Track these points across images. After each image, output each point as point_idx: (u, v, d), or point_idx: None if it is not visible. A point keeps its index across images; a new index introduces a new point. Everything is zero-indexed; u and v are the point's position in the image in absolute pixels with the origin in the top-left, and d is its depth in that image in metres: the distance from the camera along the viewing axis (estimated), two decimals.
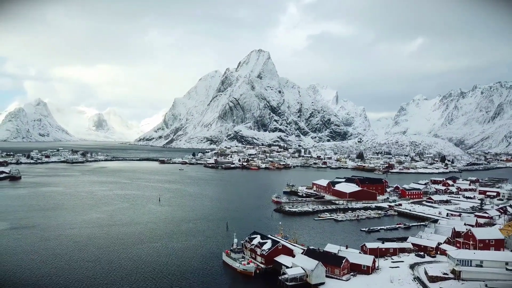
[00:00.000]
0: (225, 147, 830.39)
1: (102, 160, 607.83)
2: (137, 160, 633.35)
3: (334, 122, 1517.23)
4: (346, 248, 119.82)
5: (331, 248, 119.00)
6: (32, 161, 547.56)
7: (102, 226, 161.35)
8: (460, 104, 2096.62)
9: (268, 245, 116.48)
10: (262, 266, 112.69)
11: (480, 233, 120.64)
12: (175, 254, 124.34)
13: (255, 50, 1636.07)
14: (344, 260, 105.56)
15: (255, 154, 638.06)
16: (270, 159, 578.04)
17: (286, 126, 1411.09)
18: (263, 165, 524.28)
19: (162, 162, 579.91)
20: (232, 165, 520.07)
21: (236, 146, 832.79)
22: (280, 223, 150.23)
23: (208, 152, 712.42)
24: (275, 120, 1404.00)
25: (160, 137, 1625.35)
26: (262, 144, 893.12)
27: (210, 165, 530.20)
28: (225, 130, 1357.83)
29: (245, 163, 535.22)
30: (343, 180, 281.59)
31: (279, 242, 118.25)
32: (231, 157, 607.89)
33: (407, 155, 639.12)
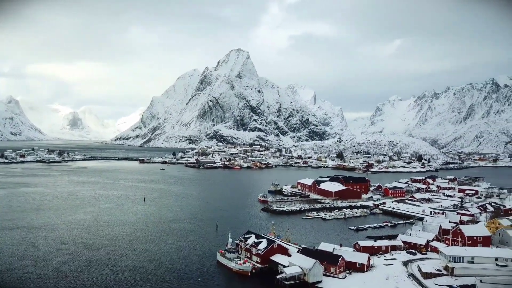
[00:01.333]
0: (206, 146, 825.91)
1: (80, 160, 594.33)
2: (116, 159, 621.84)
3: (312, 122, 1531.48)
4: (340, 247, 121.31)
5: (325, 246, 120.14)
6: (6, 160, 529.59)
7: (89, 227, 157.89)
8: (433, 105, 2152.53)
9: (263, 244, 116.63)
10: (258, 265, 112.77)
11: (468, 230, 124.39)
12: (168, 255, 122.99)
13: (234, 50, 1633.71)
14: (340, 258, 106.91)
15: (237, 153, 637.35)
16: (252, 158, 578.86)
17: (266, 126, 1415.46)
18: (245, 165, 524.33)
19: (142, 161, 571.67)
20: (214, 165, 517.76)
21: (217, 146, 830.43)
22: (273, 222, 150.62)
23: (189, 151, 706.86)
24: (255, 120, 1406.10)
25: (137, 136, 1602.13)
26: (244, 144, 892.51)
27: (191, 164, 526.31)
28: (204, 129, 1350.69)
29: (227, 163, 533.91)
30: (327, 179, 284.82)
31: (274, 241, 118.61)
32: (212, 156, 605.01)
33: (385, 155, 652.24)
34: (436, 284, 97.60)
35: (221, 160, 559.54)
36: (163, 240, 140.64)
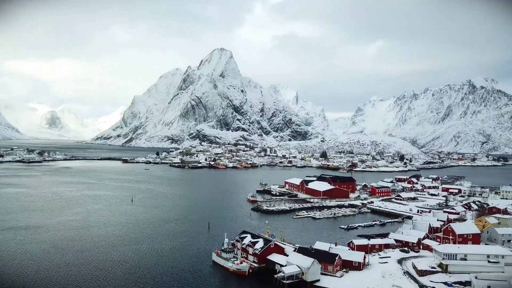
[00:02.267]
0: (190, 146, 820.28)
1: (61, 160, 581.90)
2: (98, 159, 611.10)
3: (295, 122, 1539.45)
4: (336, 245, 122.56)
5: (320, 245, 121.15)
6: None
7: (79, 228, 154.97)
8: (413, 105, 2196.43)
9: (260, 244, 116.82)
10: (255, 265, 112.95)
11: (459, 228, 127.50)
12: (163, 256, 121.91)
13: (217, 49, 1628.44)
14: (337, 257, 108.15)
15: (222, 153, 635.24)
16: (237, 158, 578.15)
17: (249, 126, 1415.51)
18: (231, 164, 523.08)
19: (125, 161, 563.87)
20: (199, 165, 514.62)
21: (202, 145, 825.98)
22: (267, 221, 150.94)
23: (173, 151, 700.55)
24: (238, 120, 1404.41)
25: (118, 135, 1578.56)
26: (229, 144, 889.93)
27: (176, 164, 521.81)
28: (187, 129, 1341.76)
29: (212, 163, 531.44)
30: (315, 178, 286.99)
31: (271, 241, 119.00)
32: (197, 156, 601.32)
33: (368, 154, 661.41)
34: (432, 281, 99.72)
35: (206, 160, 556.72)
36: (156, 241, 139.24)
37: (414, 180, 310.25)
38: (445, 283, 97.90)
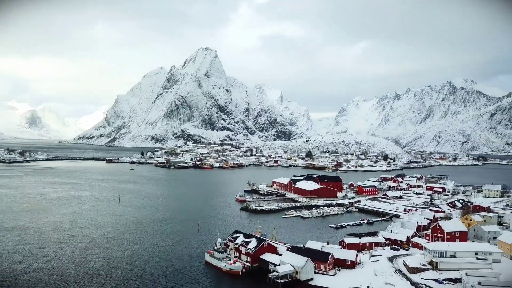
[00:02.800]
0: (175, 146, 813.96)
1: (43, 160, 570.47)
2: (81, 159, 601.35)
3: (280, 122, 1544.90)
4: (327, 244, 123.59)
5: (312, 244, 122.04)
6: None
7: (67, 229, 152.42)
8: (395, 105, 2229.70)
9: (253, 243, 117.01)
10: (248, 265, 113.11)
11: (447, 226, 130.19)
12: (155, 256, 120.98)
13: (202, 48, 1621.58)
14: (330, 256, 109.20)
15: (208, 153, 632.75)
16: (224, 158, 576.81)
17: (234, 125, 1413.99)
18: (217, 164, 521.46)
19: (109, 161, 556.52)
20: (185, 165, 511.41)
21: (187, 145, 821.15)
22: (258, 221, 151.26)
23: (158, 151, 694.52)
24: (223, 119, 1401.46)
25: (101, 135, 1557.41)
26: (214, 143, 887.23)
27: (161, 164, 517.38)
28: (171, 128, 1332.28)
29: (198, 162, 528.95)
30: (302, 178, 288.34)
31: (264, 240, 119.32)
32: (182, 156, 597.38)
33: (353, 154, 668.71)
34: (423, 279, 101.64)
35: (191, 159, 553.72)
36: (146, 241, 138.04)
37: (399, 179, 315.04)
38: (436, 280, 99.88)
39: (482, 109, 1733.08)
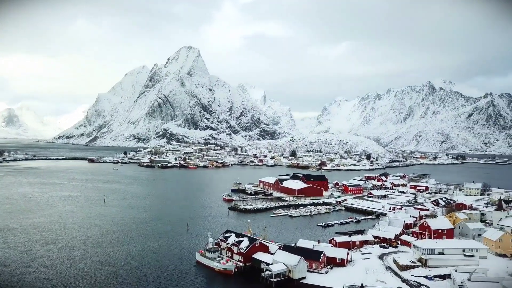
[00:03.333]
0: (159, 145, 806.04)
1: (23, 160, 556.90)
2: (62, 159, 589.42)
3: (263, 121, 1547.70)
4: (319, 243, 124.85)
5: (303, 243, 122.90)
6: None
7: (53, 230, 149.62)
8: (376, 105, 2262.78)
9: (245, 243, 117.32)
10: (241, 264, 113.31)
11: (434, 224, 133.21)
12: (145, 257, 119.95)
13: (184, 47, 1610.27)
14: (322, 254, 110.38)
15: (192, 152, 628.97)
16: (208, 157, 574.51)
17: (217, 125, 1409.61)
18: (201, 164, 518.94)
19: (92, 161, 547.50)
20: (169, 164, 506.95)
21: (171, 144, 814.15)
22: (249, 220, 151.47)
23: (141, 150, 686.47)
24: (206, 118, 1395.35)
25: (82, 134, 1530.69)
26: (198, 142, 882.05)
27: (145, 164, 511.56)
28: (154, 127, 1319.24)
29: (182, 162, 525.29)
30: (288, 177, 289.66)
31: (256, 239, 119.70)
32: (166, 155, 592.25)
33: (336, 153, 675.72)
34: (413, 275, 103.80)
35: (175, 159, 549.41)
36: (136, 242, 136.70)
37: (384, 178, 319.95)
38: (426, 277, 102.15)
39: (460, 109, 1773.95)
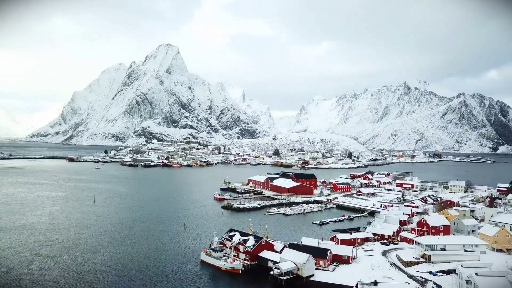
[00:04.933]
0: (140, 144, 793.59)
1: None
2: (40, 158, 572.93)
3: (243, 120, 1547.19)
4: (322, 241, 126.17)
5: (307, 241, 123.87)
6: None
7: (48, 231, 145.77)
8: (353, 105, 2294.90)
9: (251, 241, 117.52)
10: (247, 263, 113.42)
11: (432, 221, 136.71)
12: (148, 257, 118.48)
13: (163, 44, 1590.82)
14: (329, 252, 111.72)
15: (174, 151, 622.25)
16: (192, 156, 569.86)
17: (197, 123, 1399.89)
18: (185, 163, 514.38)
19: (72, 160, 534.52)
20: (152, 163, 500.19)
21: (152, 143, 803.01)
22: (250, 219, 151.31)
23: (122, 149, 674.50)
24: (186, 117, 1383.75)
25: (57, 133, 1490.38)
26: (181, 142, 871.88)
27: (128, 163, 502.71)
28: (132, 126, 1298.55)
29: (165, 161, 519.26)
30: (277, 176, 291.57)
31: (262, 238, 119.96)
32: (148, 154, 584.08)
33: (318, 152, 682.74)
34: (418, 271, 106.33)
35: (158, 158, 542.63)
36: (136, 241, 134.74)
37: (370, 176, 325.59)
38: (430, 272, 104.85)
39: (434, 109, 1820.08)
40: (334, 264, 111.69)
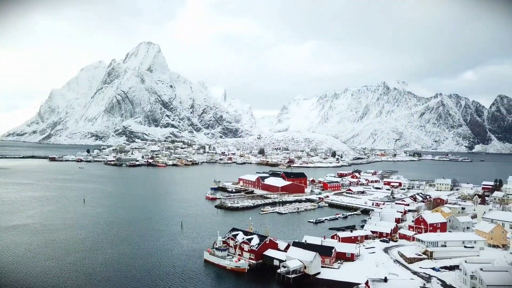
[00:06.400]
0: (124, 143, 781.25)
1: None
2: (20, 157, 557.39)
3: (226, 119, 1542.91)
4: (324, 239, 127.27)
5: (311, 239, 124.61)
6: None
7: (43, 232, 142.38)
8: (334, 104, 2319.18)
9: (255, 240, 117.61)
10: (253, 261, 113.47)
11: (430, 218, 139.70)
12: (151, 257, 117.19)
13: (144, 42, 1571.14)
14: (333, 249, 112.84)
15: (159, 150, 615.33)
16: (177, 155, 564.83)
17: (179, 122, 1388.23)
18: (170, 162, 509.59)
19: (53, 159, 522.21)
20: (137, 162, 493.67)
21: (136, 142, 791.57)
22: (250, 218, 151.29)
23: (105, 148, 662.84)
24: (167, 116, 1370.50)
25: (34, 132, 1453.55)
26: (164, 141, 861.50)
27: (112, 162, 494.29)
28: (113, 125, 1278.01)
29: (150, 160, 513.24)
30: (267, 175, 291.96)
31: (266, 237, 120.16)
32: (132, 153, 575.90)
33: (302, 151, 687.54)
34: (421, 268, 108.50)
35: (142, 157, 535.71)
36: (136, 242, 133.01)
37: (357, 175, 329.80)
38: (433, 269, 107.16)
39: (413, 109, 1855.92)
40: (338, 261, 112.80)
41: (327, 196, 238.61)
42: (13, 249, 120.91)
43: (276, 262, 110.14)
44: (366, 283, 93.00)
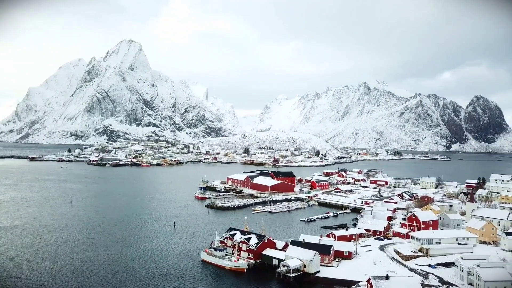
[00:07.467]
0: (107, 142, 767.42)
1: None
2: None
3: (208, 118, 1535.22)
4: (321, 238, 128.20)
5: (308, 238, 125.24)
6: None
7: (34, 233, 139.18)
8: (315, 104, 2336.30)
9: (254, 240, 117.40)
10: (251, 261, 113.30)
11: (422, 216, 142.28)
12: (148, 257, 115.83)
13: (125, 40, 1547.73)
14: (332, 248, 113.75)
15: (142, 150, 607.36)
16: (161, 155, 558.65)
17: (161, 121, 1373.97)
18: (154, 162, 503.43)
19: (33, 159, 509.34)
20: (121, 162, 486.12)
21: (119, 142, 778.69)
22: (246, 217, 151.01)
23: (87, 148, 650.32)
24: (149, 115, 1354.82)
25: (10, 131, 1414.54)
26: (148, 139, 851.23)
27: (94, 162, 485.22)
28: (93, 124, 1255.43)
29: (134, 160, 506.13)
30: (256, 174, 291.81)
31: (265, 236, 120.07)
32: (115, 153, 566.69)
33: (287, 150, 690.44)
34: (418, 265, 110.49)
35: (126, 157, 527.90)
36: (130, 242, 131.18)
37: (344, 173, 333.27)
38: (429, 266, 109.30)
39: (392, 109, 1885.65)
40: (336, 260, 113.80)
41: (316, 195, 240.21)
42: (4, 251, 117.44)
43: (275, 262, 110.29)
44: (368, 280, 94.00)
